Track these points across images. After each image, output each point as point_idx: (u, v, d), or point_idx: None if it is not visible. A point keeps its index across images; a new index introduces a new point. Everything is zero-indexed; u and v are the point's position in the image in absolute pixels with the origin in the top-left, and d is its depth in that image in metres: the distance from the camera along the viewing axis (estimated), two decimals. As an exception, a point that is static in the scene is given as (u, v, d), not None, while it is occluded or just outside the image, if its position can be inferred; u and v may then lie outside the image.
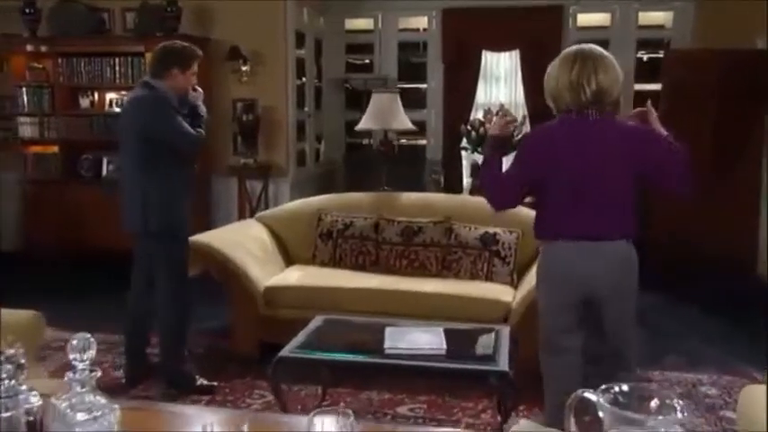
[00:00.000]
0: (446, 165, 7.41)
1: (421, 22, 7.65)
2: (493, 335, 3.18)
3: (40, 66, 6.32)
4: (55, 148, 6.38)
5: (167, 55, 3.55)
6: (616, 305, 2.60)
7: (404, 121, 4.98)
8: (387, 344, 2.92)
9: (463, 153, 6.81)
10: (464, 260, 4.23)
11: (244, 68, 6.32)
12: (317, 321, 3.34)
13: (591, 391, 1.18)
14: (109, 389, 3.52)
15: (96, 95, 6.45)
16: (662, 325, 4.84)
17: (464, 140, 6.03)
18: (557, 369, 2.65)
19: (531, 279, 3.70)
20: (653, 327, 4.77)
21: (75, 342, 1.35)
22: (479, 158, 6.39)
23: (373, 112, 4.93)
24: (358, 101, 7.49)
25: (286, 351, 2.93)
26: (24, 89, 6.33)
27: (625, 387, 1.17)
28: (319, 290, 4.05)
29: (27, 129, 6.37)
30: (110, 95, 6.45)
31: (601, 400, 1.16)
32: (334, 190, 5.74)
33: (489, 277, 4.17)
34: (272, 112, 6.43)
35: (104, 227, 5.99)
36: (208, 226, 5.27)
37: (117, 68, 6.25)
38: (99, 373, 1.39)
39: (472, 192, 5.24)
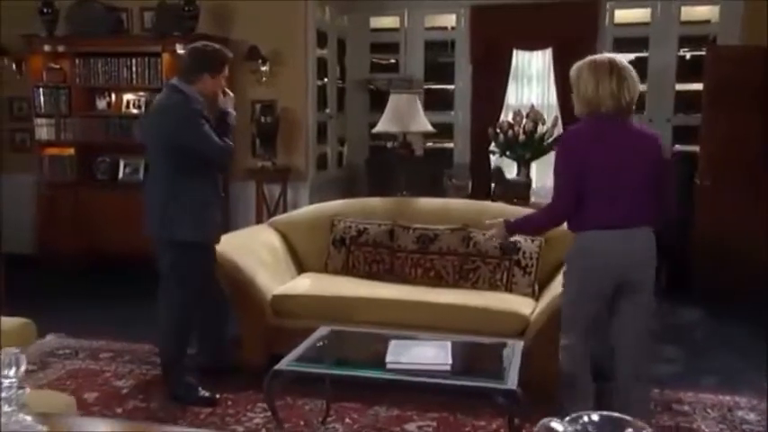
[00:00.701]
0: (474, 169, 7.32)
1: (448, 19, 7.58)
2: (505, 350, 3.11)
3: (58, 66, 6.44)
4: (71, 151, 6.48)
5: (199, 59, 3.56)
6: (644, 292, 2.92)
7: (423, 122, 4.92)
8: (388, 358, 2.87)
9: (492, 157, 6.74)
10: (482, 270, 4.19)
11: (263, 69, 6.34)
12: (320, 332, 3.30)
13: (557, 420, 1.11)
14: (107, 399, 3.61)
15: (113, 97, 6.52)
16: (699, 341, 4.71)
17: (492, 144, 5.96)
18: (579, 357, 2.97)
19: (554, 290, 3.69)
20: (689, 343, 4.63)
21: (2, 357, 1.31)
22: (504, 164, 6.39)
23: (391, 113, 4.89)
24: (382, 102, 7.36)
25: (282, 364, 2.90)
26: (41, 90, 6.46)
27: (595, 416, 1.10)
28: (329, 299, 4.02)
29: (43, 130, 6.49)
30: (127, 96, 6.53)
31: (568, 430, 1.09)
32: (355, 195, 5.72)
33: (509, 288, 4.12)
34: (292, 114, 6.44)
35: (120, 231, 6.08)
36: (225, 231, 5.26)
37: (134, 69, 6.33)
38: (27, 391, 1.36)
39: (494, 197, 5.16)
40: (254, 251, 4.30)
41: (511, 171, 6.05)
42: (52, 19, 6.38)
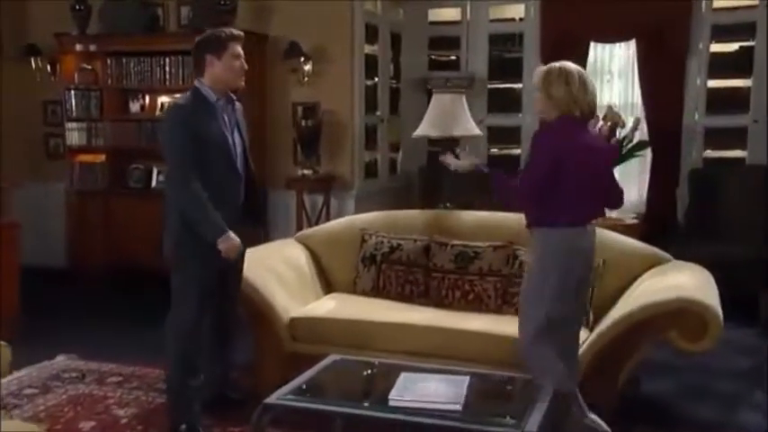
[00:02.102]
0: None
1: (516, 10, 7.43)
2: (532, 388, 2.96)
3: (89, 67, 6.64)
4: (102, 157, 6.65)
5: (197, 46, 3.58)
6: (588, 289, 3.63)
7: (469, 126, 4.82)
8: (393, 393, 2.78)
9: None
10: None
11: (305, 68, 6.36)
12: (326, 362, 3.25)
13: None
14: (103, 430, 3.63)
15: (147, 99, 6.67)
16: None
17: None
18: (557, 346, 3.26)
19: (611, 319, 3.58)
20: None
21: None
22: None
23: (433, 115, 4.81)
24: None
25: (274, 397, 2.84)
26: (73, 92, 6.66)
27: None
28: (352, 323, 3.96)
29: (74, 135, 6.70)
30: (161, 99, 6.66)
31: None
32: (409, 206, 5.64)
33: None
34: (337, 117, 6.44)
35: (152, 243, 6.17)
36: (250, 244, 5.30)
37: (168, 69, 6.45)
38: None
39: None
40: (274, 268, 4.28)
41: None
42: (85, 16, 6.59)
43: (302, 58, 6.32)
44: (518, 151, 7.60)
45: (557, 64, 3.32)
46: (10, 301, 5.09)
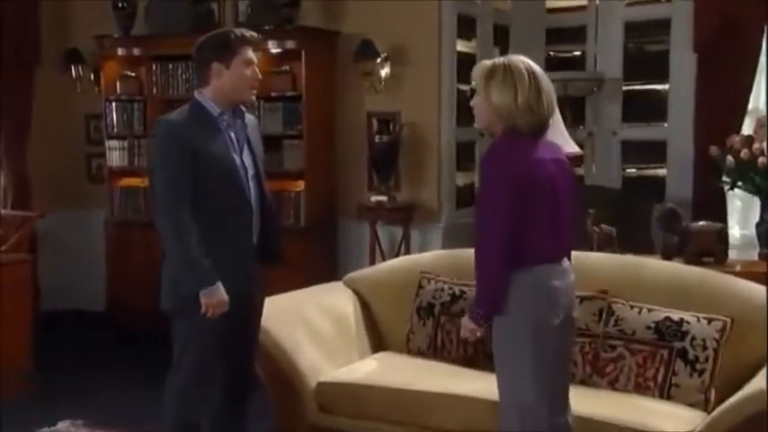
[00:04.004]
0: (700, 206, 6.76)
1: (661, -11, 7.11)
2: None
3: (133, 74, 6.82)
4: (146, 181, 6.78)
5: (200, 49, 3.55)
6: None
7: (564, 141, 4.57)
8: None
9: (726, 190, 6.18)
10: (627, 361, 3.87)
11: (382, 71, 6.29)
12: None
13: None
14: None
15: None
16: None
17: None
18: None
19: (742, 400, 3.39)
20: None
21: None
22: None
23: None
24: (561, 114, 7.11)
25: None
26: (114, 105, 6.87)
27: None
28: (393, 393, 3.88)
29: (115, 155, 6.90)
30: (214, 111, 6.73)
31: None
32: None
33: (666, 393, 3.78)
34: (419, 131, 6.35)
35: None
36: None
37: None
38: None
39: (667, 252, 4.68)
40: (308, 319, 4.25)
41: (751, 211, 5.57)
42: (129, 15, 6.79)
43: (378, 60, 6.26)
44: (663, 172, 7.27)
45: (501, 59, 3.23)
46: (19, 353, 5.22)
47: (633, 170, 7.37)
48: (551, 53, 7.51)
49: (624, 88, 7.14)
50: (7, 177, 7.01)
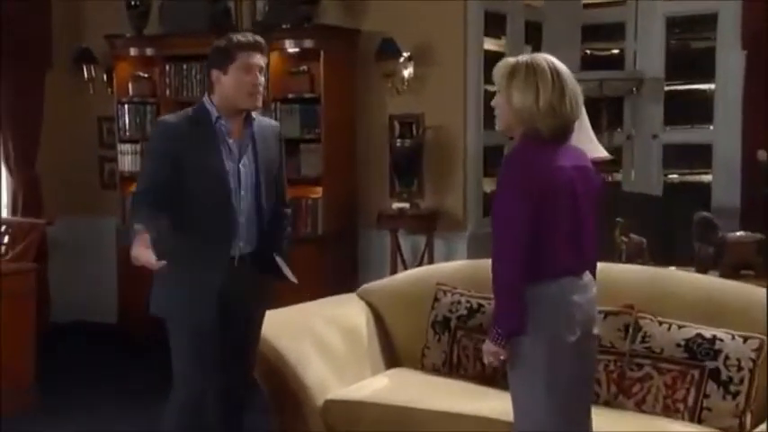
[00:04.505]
0: (748, 215, 6.67)
1: (707, -19, 7.05)
2: None
3: (146, 75, 6.86)
4: (158, 187, 6.82)
5: (208, 62, 3.66)
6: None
7: (591, 145, 4.51)
8: None
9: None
10: (655, 381, 3.79)
11: (405, 71, 6.29)
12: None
13: None
14: None
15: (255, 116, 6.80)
16: None
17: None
18: None
19: None
20: None
21: None
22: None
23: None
24: (596, 116, 7.07)
25: None
26: (126, 107, 6.91)
27: None
28: (404, 412, 3.82)
29: (127, 160, 6.94)
30: (230, 114, 6.75)
31: None
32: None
33: (697, 416, 3.69)
34: (444, 135, 6.35)
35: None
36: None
37: None
38: None
39: (701, 264, 4.60)
40: (317, 332, 4.22)
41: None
42: (142, 13, 6.84)
43: (400, 59, 6.26)
44: (708, 178, 7.20)
45: (524, 58, 3.14)
46: (21, 366, 5.24)
47: (675, 176, 7.32)
48: (587, 51, 7.50)
49: (666, 88, 7.11)
50: (17, 182, 7.08)
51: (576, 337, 3.10)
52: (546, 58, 3.14)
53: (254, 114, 3.68)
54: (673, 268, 4.39)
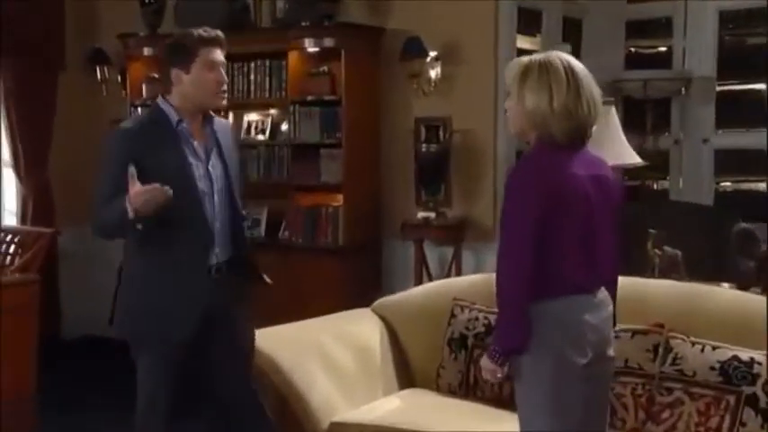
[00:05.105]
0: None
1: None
2: None
3: (159, 76, 6.85)
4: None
5: (165, 57, 3.66)
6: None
7: (623, 151, 4.47)
8: None
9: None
10: (686, 407, 3.75)
11: (431, 72, 6.26)
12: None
13: None
14: None
15: (230, 117, 6.78)
16: None
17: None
18: None
19: None
20: None
21: None
22: None
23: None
24: (641, 119, 7.03)
25: None
26: (140, 110, 6.94)
27: None
28: None
29: (139, 166, 6.92)
30: (248, 117, 6.82)
31: None
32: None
33: None
34: (473, 139, 6.31)
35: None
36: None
37: (252, 77, 6.61)
38: None
39: (741, 280, 4.52)
40: (326, 350, 4.22)
41: None
42: (156, 11, 6.88)
43: (427, 59, 6.24)
44: (763, 186, 7.11)
45: (537, 56, 3.11)
46: (21, 383, 5.24)
47: (728, 184, 7.26)
48: (632, 49, 7.50)
49: (718, 88, 7.09)
50: (27, 188, 7.14)
51: (588, 359, 3.03)
52: (561, 57, 3.11)
53: (210, 113, 3.68)
54: (709, 284, 4.29)
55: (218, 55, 3.54)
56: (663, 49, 7.36)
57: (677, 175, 7.32)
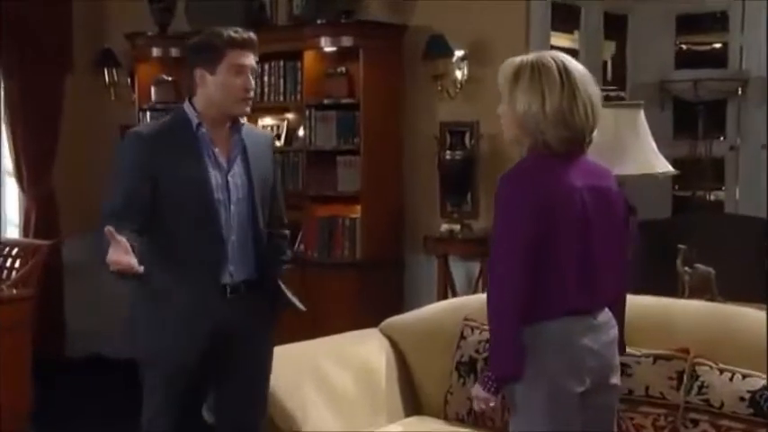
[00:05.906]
0: None
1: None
2: None
3: (169, 78, 6.94)
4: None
5: (188, 54, 3.67)
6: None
7: (651, 159, 4.41)
8: None
9: None
10: None
11: (458, 73, 6.27)
12: None
13: None
14: None
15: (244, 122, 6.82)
16: None
17: None
18: None
19: None
20: None
21: None
22: None
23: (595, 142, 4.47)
24: (691, 123, 6.93)
25: None
26: (149, 115, 6.99)
27: None
28: None
29: (147, 175, 6.98)
30: (263, 122, 6.84)
31: None
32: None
33: None
34: (502, 145, 6.17)
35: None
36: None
37: (267, 78, 6.64)
38: None
39: None
40: (323, 374, 4.19)
41: None
42: (166, 8, 6.94)
43: (453, 59, 6.24)
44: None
45: (530, 57, 3.11)
46: (15, 404, 5.32)
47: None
48: (683, 46, 7.43)
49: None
50: (30, 198, 7.21)
51: (585, 387, 3.00)
52: (555, 57, 3.10)
53: (242, 120, 3.65)
54: (746, 305, 4.19)
55: (249, 59, 3.52)
56: (717, 45, 7.31)
57: (733, 185, 7.22)
